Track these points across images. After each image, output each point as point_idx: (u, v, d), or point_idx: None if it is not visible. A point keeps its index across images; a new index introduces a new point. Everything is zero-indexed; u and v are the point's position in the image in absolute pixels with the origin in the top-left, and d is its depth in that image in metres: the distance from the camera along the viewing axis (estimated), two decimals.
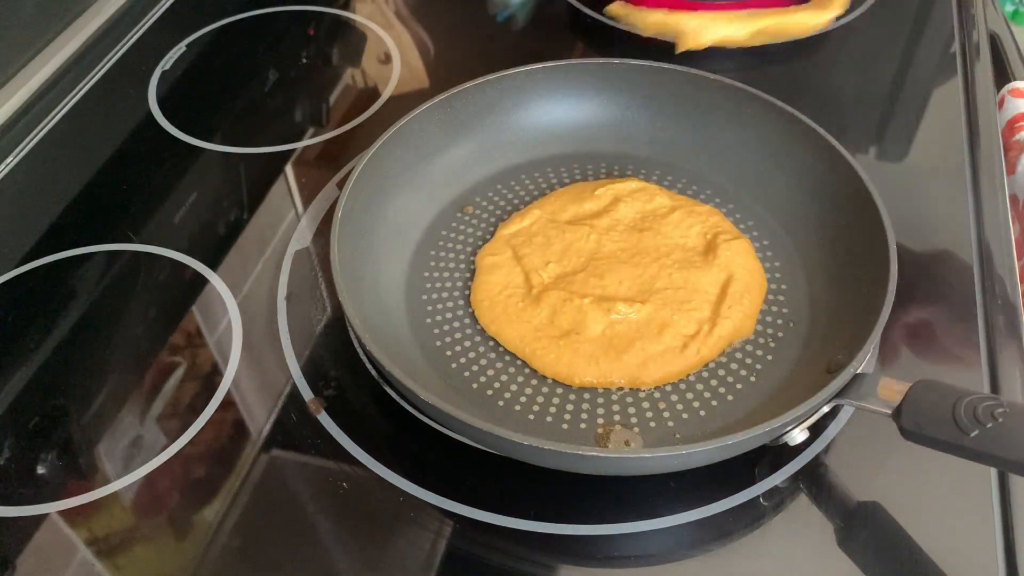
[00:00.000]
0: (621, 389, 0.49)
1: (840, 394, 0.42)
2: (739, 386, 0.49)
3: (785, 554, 0.43)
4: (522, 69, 0.61)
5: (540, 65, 0.61)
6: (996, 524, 0.43)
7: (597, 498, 0.45)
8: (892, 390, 0.41)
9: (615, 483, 0.45)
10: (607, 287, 0.52)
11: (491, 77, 0.60)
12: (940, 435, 0.38)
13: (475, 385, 0.49)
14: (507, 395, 0.49)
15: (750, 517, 0.44)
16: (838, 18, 0.74)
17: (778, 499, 0.44)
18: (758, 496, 0.44)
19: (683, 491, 0.45)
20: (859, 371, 0.43)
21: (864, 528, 0.43)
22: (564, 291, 0.52)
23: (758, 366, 0.50)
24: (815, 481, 0.45)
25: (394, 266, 0.55)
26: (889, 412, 0.40)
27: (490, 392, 0.49)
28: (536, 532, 0.43)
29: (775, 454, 0.46)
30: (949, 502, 0.44)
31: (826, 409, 0.44)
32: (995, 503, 0.44)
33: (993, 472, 0.45)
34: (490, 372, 0.50)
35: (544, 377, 0.49)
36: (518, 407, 0.48)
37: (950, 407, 0.38)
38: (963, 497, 0.44)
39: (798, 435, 0.44)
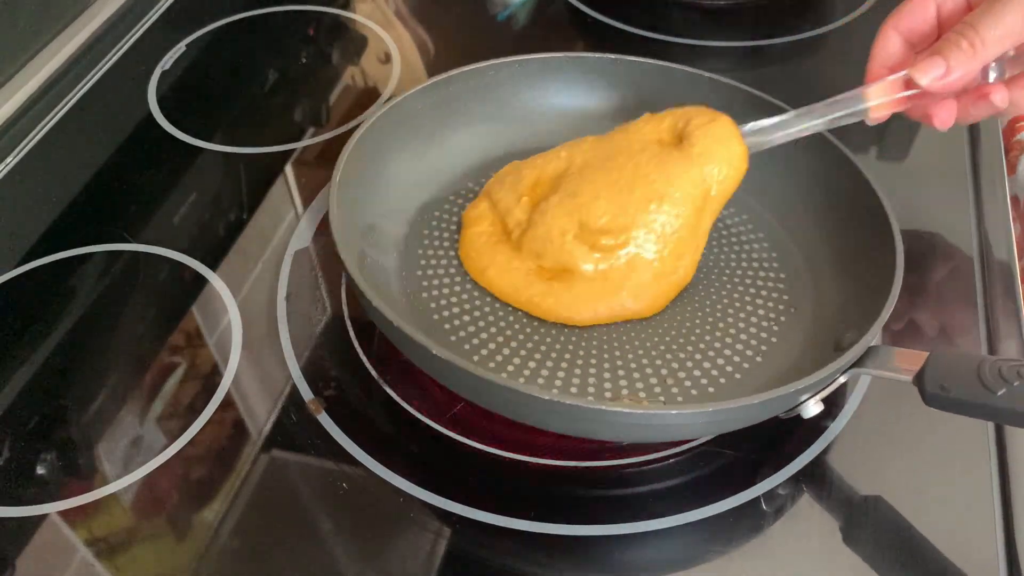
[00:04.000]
0: (629, 353, 0.49)
1: (857, 363, 0.43)
2: (746, 365, 0.49)
3: (788, 554, 0.43)
4: (524, 57, 0.61)
5: (540, 55, 0.61)
6: (997, 527, 0.43)
7: (597, 498, 0.45)
8: (910, 358, 0.41)
9: (615, 483, 0.45)
10: (583, 205, 0.50)
11: (495, 61, 0.60)
12: (966, 396, 0.38)
13: (475, 355, 0.49)
14: (510, 367, 0.48)
15: (752, 517, 0.44)
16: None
17: (780, 499, 0.44)
18: (759, 496, 0.44)
19: (684, 491, 0.45)
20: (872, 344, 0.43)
21: (867, 525, 0.43)
22: (542, 226, 0.51)
23: (763, 347, 0.50)
24: (816, 480, 0.45)
25: (392, 229, 0.55)
26: (910, 378, 0.41)
27: (492, 365, 0.48)
28: (536, 532, 0.43)
29: (775, 455, 0.46)
30: (949, 501, 0.44)
31: (842, 380, 0.44)
32: (995, 505, 0.44)
33: (994, 471, 0.45)
34: (487, 336, 0.50)
35: (546, 349, 0.49)
36: (522, 379, 0.48)
37: (974, 369, 0.39)
38: (963, 498, 0.44)
39: (812, 406, 0.43)
